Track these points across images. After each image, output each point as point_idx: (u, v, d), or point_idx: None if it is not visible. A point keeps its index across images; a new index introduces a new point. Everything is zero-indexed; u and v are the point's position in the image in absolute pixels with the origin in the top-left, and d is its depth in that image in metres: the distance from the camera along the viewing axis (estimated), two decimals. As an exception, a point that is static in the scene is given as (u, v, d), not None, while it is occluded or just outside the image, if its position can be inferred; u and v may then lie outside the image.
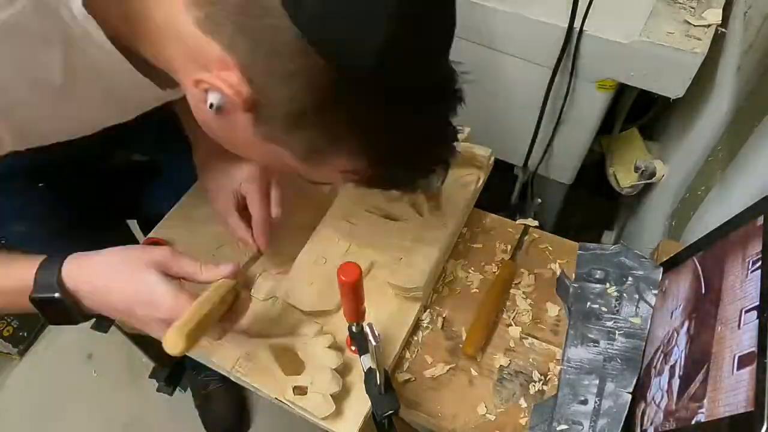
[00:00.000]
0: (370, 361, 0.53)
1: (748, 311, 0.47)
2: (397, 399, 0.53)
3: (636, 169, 1.05)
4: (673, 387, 0.53)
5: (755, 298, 0.47)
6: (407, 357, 0.66)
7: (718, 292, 0.53)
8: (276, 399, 0.57)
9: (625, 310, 0.64)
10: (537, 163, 1.13)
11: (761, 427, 0.40)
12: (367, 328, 0.46)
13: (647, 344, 0.62)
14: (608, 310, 0.65)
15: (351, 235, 0.68)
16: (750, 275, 0.49)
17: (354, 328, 0.55)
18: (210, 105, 0.42)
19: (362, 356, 0.55)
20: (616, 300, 0.65)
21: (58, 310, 0.52)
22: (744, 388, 0.43)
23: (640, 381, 0.59)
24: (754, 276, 0.48)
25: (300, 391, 0.56)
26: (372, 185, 0.49)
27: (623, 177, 1.09)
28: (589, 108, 0.99)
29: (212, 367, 0.61)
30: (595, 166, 1.17)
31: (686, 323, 0.56)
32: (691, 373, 0.51)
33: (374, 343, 0.45)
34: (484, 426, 0.61)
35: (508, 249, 0.74)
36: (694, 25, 0.84)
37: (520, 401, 0.62)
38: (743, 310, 0.48)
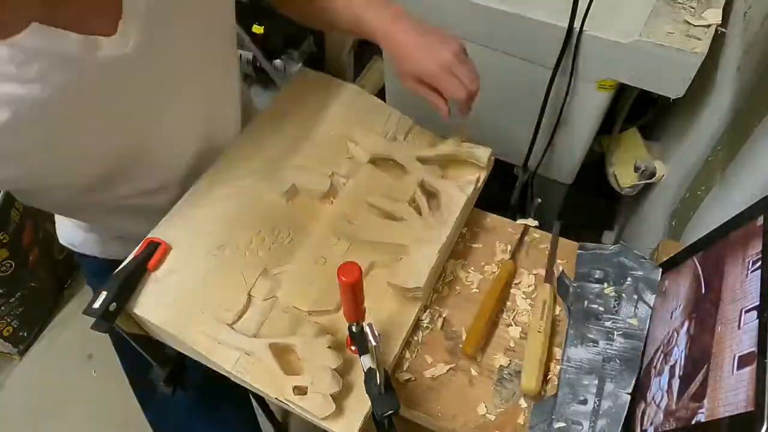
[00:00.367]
0: (370, 361, 0.53)
1: (748, 311, 0.47)
2: (397, 399, 0.53)
3: (636, 169, 1.05)
4: (673, 387, 0.53)
5: (755, 298, 0.47)
6: (407, 357, 0.66)
7: (718, 292, 0.53)
8: (276, 399, 0.57)
9: (623, 311, 0.64)
10: (537, 163, 1.13)
11: (761, 427, 0.40)
12: (367, 328, 0.46)
13: (647, 344, 0.62)
14: (607, 310, 0.65)
15: (351, 235, 0.68)
16: (750, 275, 0.49)
17: (354, 328, 0.55)
18: None
19: (362, 356, 0.55)
20: (615, 300, 0.65)
21: None
22: (744, 388, 0.43)
23: (639, 381, 0.59)
24: (754, 276, 0.48)
25: (300, 391, 0.56)
26: None
27: (623, 177, 1.09)
28: (589, 108, 0.99)
29: (212, 367, 0.61)
30: (595, 166, 1.17)
31: (686, 323, 0.56)
32: (691, 373, 0.51)
33: (374, 343, 0.46)
34: (484, 426, 0.61)
35: (508, 249, 0.74)
36: (694, 25, 0.84)
37: (520, 401, 0.62)
38: (743, 310, 0.48)
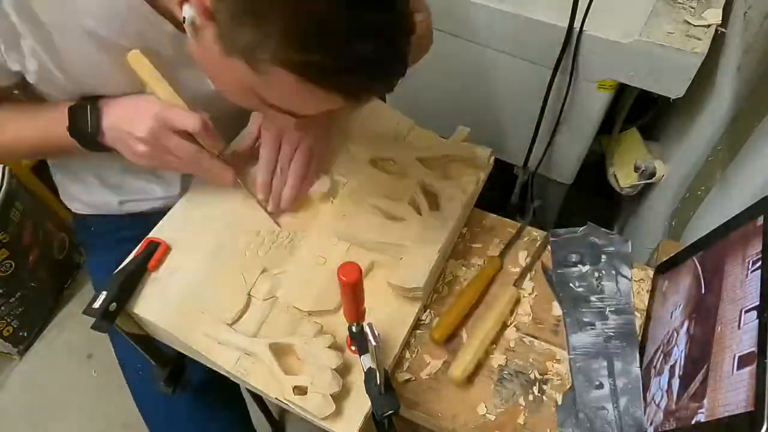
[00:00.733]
0: (370, 361, 0.53)
1: (748, 311, 0.47)
2: (397, 399, 0.53)
3: (636, 169, 1.05)
4: (673, 387, 0.53)
5: (755, 298, 0.47)
6: (407, 357, 0.66)
7: (718, 292, 0.53)
8: (276, 399, 0.57)
9: (607, 288, 0.66)
10: (537, 163, 1.13)
11: (761, 427, 0.40)
12: (367, 328, 0.46)
13: (647, 344, 0.62)
14: (592, 290, 0.66)
15: (351, 235, 0.68)
16: (750, 275, 0.49)
17: (354, 328, 0.55)
18: (183, 19, 0.46)
19: (362, 356, 0.55)
20: (597, 279, 0.67)
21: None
22: (744, 388, 0.43)
23: (643, 353, 0.60)
24: (754, 276, 0.48)
25: (300, 391, 0.56)
26: (317, 81, 0.45)
27: (623, 177, 1.09)
28: (589, 108, 0.99)
29: (212, 367, 0.61)
30: (595, 166, 1.17)
31: (686, 323, 0.56)
32: (691, 373, 0.51)
33: (374, 343, 0.45)
34: (484, 426, 0.61)
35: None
36: (694, 25, 0.84)
37: (520, 401, 0.62)
38: (743, 310, 0.48)
